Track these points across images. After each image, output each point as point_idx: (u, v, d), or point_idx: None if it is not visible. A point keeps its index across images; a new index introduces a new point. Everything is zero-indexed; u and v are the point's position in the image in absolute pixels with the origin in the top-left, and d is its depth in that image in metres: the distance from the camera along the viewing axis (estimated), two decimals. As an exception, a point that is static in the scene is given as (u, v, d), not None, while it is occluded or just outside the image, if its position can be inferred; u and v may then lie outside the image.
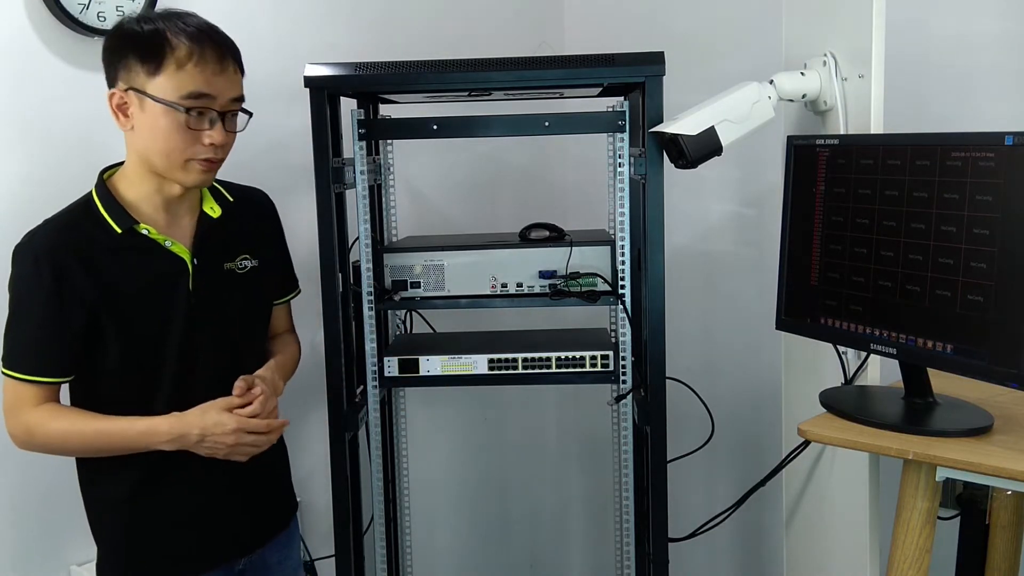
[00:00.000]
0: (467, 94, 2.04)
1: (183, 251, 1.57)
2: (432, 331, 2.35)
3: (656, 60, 1.81)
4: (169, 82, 1.46)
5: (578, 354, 2.01)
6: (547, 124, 1.90)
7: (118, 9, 1.94)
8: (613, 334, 2.20)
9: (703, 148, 1.75)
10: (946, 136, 1.48)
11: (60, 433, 1.50)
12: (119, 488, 1.58)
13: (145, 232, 1.53)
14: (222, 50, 1.50)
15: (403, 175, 2.47)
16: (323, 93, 1.84)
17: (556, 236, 2.12)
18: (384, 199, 2.32)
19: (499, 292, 2.04)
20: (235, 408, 1.54)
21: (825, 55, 1.79)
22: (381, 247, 2.16)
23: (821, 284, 1.69)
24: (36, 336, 1.49)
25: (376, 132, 2.12)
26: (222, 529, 1.65)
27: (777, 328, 1.80)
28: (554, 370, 2.01)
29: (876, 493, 1.73)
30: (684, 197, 2.49)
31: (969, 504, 1.79)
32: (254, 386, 1.58)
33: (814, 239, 1.70)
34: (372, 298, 1.99)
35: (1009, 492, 1.73)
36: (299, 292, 1.86)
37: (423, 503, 2.67)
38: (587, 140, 2.55)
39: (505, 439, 2.91)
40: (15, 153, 1.88)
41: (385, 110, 2.29)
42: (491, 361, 2.02)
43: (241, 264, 1.66)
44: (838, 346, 1.77)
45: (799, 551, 2.08)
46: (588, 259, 2.03)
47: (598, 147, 2.36)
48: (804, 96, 1.83)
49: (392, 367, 2.02)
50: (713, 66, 2.46)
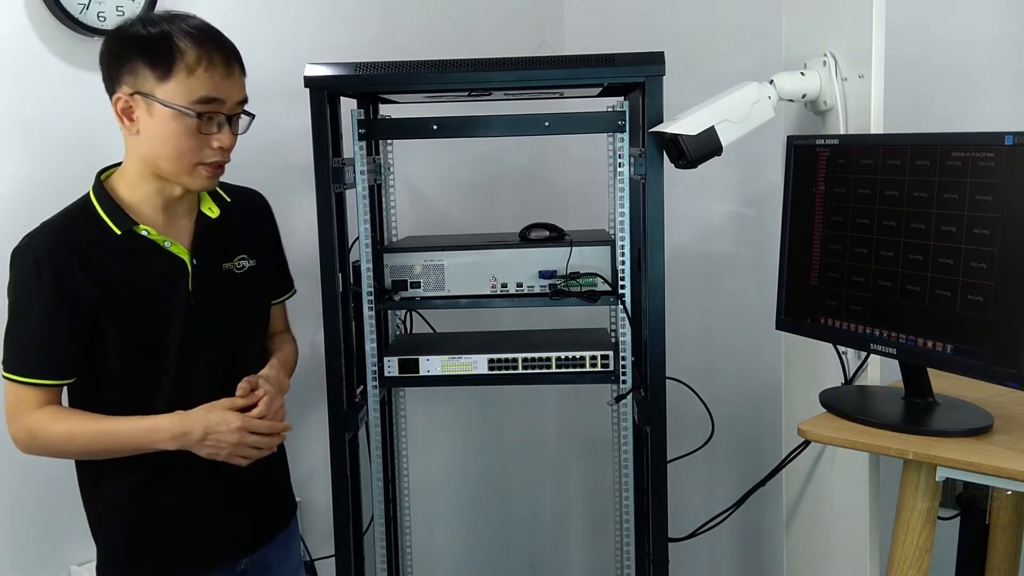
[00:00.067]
0: (467, 94, 2.04)
1: (182, 252, 1.57)
2: (432, 331, 2.35)
3: (656, 60, 1.81)
4: (179, 87, 1.45)
5: (578, 354, 2.01)
6: (547, 124, 1.90)
7: (118, 9, 1.94)
8: (613, 334, 2.20)
9: (703, 148, 1.75)
10: (946, 136, 1.48)
11: (62, 435, 1.49)
12: (119, 490, 1.58)
13: (144, 233, 1.53)
14: (229, 54, 1.51)
15: (403, 175, 2.47)
16: (323, 93, 1.84)
17: (556, 236, 2.12)
18: (384, 199, 2.32)
19: (499, 292, 2.04)
20: (238, 409, 1.54)
21: (825, 55, 1.79)
22: (381, 247, 2.16)
23: (821, 284, 1.69)
24: (37, 338, 1.49)
25: (376, 132, 2.12)
26: (223, 530, 1.65)
27: (777, 328, 1.80)
28: (554, 370, 2.01)
29: (876, 493, 1.73)
30: (684, 197, 2.49)
31: (969, 504, 1.79)
32: (258, 387, 1.58)
33: (814, 239, 1.70)
34: (372, 298, 1.99)
35: (1009, 492, 1.73)
36: (294, 292, 1.86)
37: (423, 503, 2.67)
38: (587, 140, 2.55)
39: (505, 439, 2.91)
40: (15, 153, 1.88)
41: (385, 110, 2.29)
42: (491, 361, 2.02)
43: (239, 264, 1.65)
44: (838, 346, 1.77)
45: (799, 551, 2.08)
46: (588, 259, 2.03)
47: (598, 147, 2.36)
48: (804, 96, 1.83)
49: (392, 367, 2.02)
50: (713, 66, 2.46)
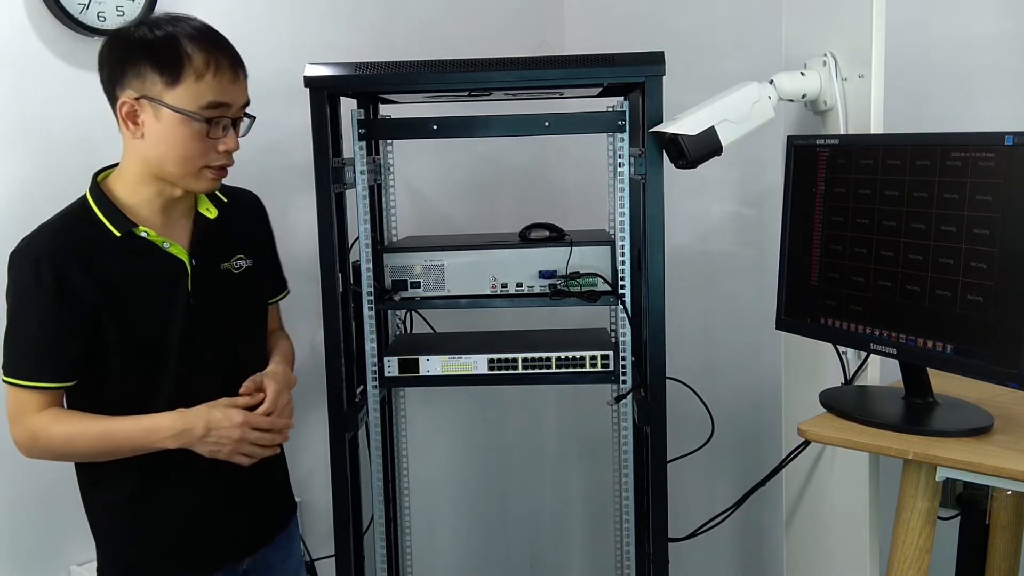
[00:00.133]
0: (467, 94, 2.04)
1: (181, 252, 1.57)
2: (432, 331, 2.35)
3: (656, 60, 1.81)
4: (188, 92, 1.45)
5: (578, 354, 2.01)
6: (547, 124, 1.90)
7: (118, 9, 1.94)
8: (613, 334, 2.20)
9: (703, 148, 1.75)
10: (946, 136, 1.48)
11: (64, 436, 1.49)
12: (120, 492, 1.58)
13: (144, 235, 1.53)
14: (234, 59, 1.51)
15: (403, 175, 2.47)
16: (323, 93, 1.84)
17: (556, 236, 2.12)
18: (384, 199, 2.32)
19: (499, 292, 2.04)
20: (241, 407, 1.54)
21: (825, 55, 1.79)
22: (381, 247, 2.16)
23: (821, 284, 1.69)
24: (38, 341, 1.48)
25: (376, 132, 2.12)
26: (225, 530, 1.65)
27: (777, 328, 1.80)
28: (554, 370, 2.01)
29: (876, 493, 1.73)
30: (684, 197, 2.48)
31: (969, 504, 1.79)
32: (262, 386, 1.59)
33: (814, 239, 1.70)
34: (372, 298, 1.99)
35: (1009, 492, 1.73)
36: (288, 293, 1.85)
37: (423, 503, 2.67)
38: (587, 140, 2.55)
39: (505, 439, 2.91)
40: (15, 153, 1.88)
41: (385, 110, 2.29)
42: (491, 361, 2.02)
43: (237, 264, 1.65)
44: (838, 346, 1.77)
45: (799, 551, 2.08)
46: (588, 259, 2.03)
47: (598, 147, 2.36)
48: (804, 96, 1.83)
49: (392, 367, 2.02)
50: (713, 66, 2.46)
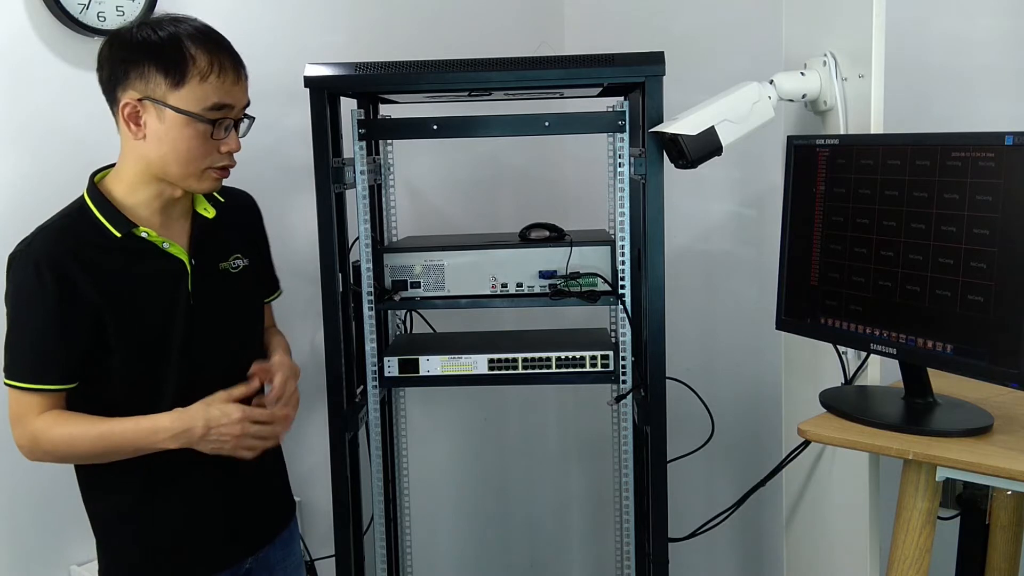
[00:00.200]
0: (467, 94, 2.04)
1: (181, 252, 1.56)
2: (432, 331, 2.35)
3: (656, 60, 1.81)
4: (192, 94, 1.45)
5: (578, 354, 2.01)
6: (547, 124, 1.90)
7: (118, 9, 1.94)
8: (613, 334, 2.20)
9: (703, 148, 1.75)
10: (946, 136, 1.48)
11: (65, 438, 1.49)
12: (124, 494, 1.57)
13: (144, 235, 1.53)
14: (236, 60, 1.51)
15: (403, 175, 2.47)
16: (323, 93, 1.84)
17: (556, 236, 2.12)
18: (384, 199, 2.32)
19: (499, 292, 2.04)
20: (237, 398, 1.53)
21: (825, 55, 1.79)
22: (381, 247, 2.16)
23: (821, 284, 1.69)
24: (39, 343, 1.48)
25: (376, 132, 2.12)
26: (228, 530, 1.65)
27: (777, 328, 1.80)
28: (554, 370, 2.01)
29: (876, 493, 1.73)
30: (684, 197, 2.49)
31: (969, 504, 1.79)
32: (271, 369, 1.60)
33: (814, 239, 1.70)
34: (372, 298, 1.99)
35: (1009, 492, 1.73)
36: (281, 293, 1.85)
37: (423, 503, 2.67)
38: (587, 140, 2.55)
39: (505, 439, 2.91)
40: (15, 153, 1.88)
41: (385, 110, 2.29)
42: (491, 361, 2.02)
43: (234, 264, 1.66)
44: (838, 346, 1.77)
45: (799, 551, 2.08)
46: (588, 259, 2.03)
47: (598, 147, 2.36)
48: (804, 96, 1.83)
49: (392, 367, 2.02)
50: (713, 66, 2.45)
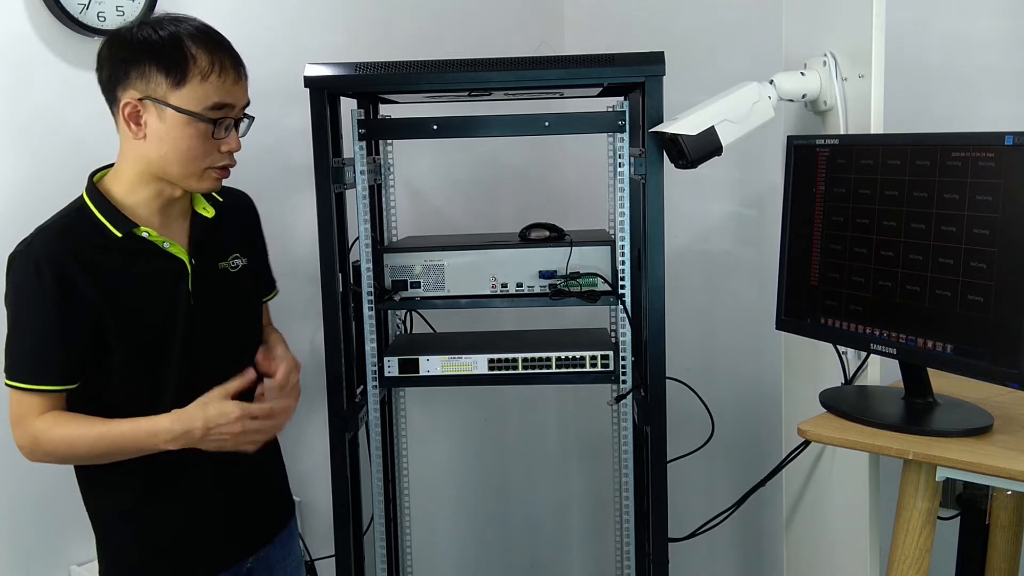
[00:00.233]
0: (467, 94, 2.04)
1: (181, 252, 1.56)
2: (432, 331, 2.35)
3: (656, 60, 1.81)
4: (193, 93, 1.45)
5: (578, 354, 2.01)
6: (547, 124, 1.90)
7: (118, 9, 1.94)
8: (613, 334, 2.20)
9: (703, 148, 1.75)
10: (946, 136, 1.48)
11: (65, 439, 1.48)
12: (124, 496, 1.57)
13: (145, 235, 1.52)
14: (236, 60, 1.51)
15: (403, 175, 2.47)
16: (323, 93, 1.84)
17: (556, 236, 2.12)
18: (384, 199, 2.32)
19: (499, 292, 2.04)
20: (233, 393, 1.53)
21: (825, 55, 1.79)
22: (381, 247, 2.16)
23: (821, 284, 1.69)
24: (40, 343, 1.48)
25: (376, 132, 2.12)
26: (229, 530, 1.65)
27: (777, 328, 1.80)
28: (554, 370, 2.01)
29: (876, 493, 1.73)
30: (684, 197, 2.49)
31: (969, 504, 1.79)
32: (274, 357, 1.62)
33: (814, 239, 1.70)
34: (372, 298, 1.99)
35: (1009, 492, 1.73)
36: (277, 293, 1.84)
37: (423, 503, 2.67)
38: (587, 140, 2.55)
39: (505, 439, 2.91)
40: (15, 153, 1.88)
41: (385, 110, 2.29)
42: (491, 361, 2.02)
43: (233, 263, 1.66)
44: (838, 346, 1.77)
45: (799, 551, 2.08)
46: (588, 259, 2.03)
47: (598, 147, 2.36)
48: (804, 96, 1.83)
49: (392, 367, 2.02)
50: (713, 66, 2.45)
